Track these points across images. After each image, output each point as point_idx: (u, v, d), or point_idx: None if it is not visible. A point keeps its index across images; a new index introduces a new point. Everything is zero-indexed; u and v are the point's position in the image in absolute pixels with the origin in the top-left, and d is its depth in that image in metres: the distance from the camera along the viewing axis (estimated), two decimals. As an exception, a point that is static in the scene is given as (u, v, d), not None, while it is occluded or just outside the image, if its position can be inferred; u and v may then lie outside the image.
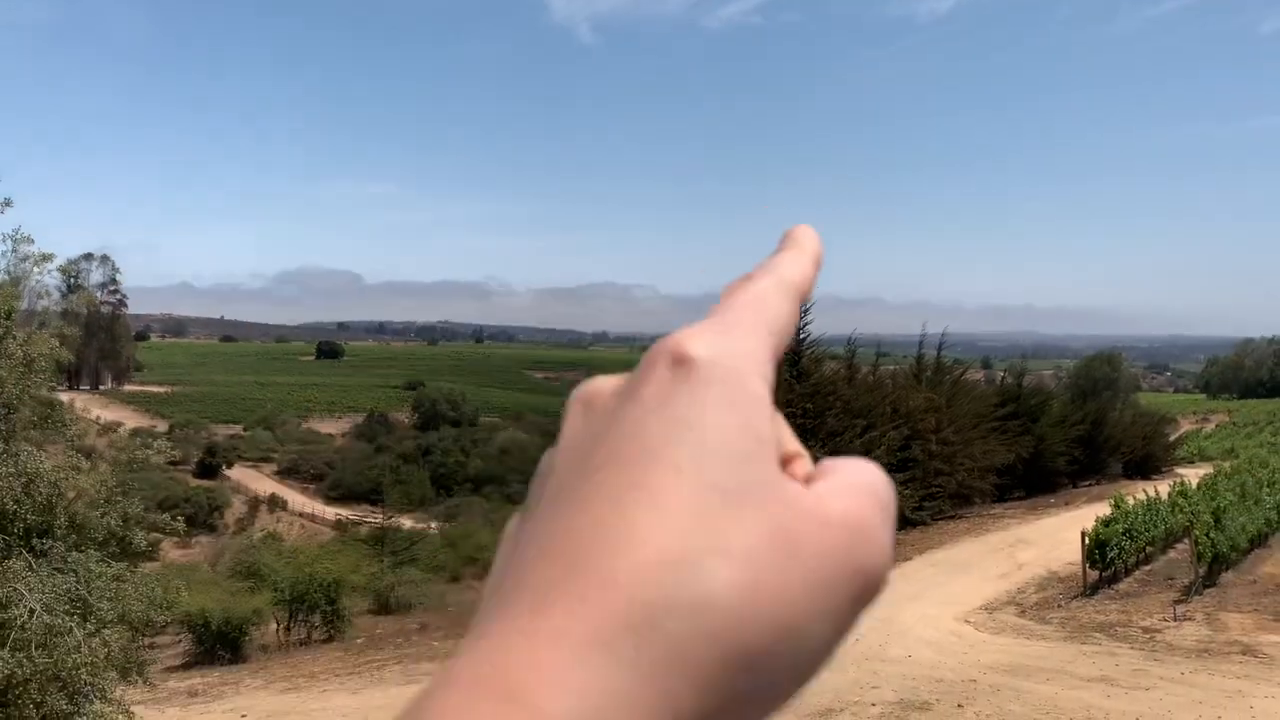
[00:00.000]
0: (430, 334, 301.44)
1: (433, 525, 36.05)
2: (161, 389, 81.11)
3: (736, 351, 0.33)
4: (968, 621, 13.78)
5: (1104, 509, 18.01)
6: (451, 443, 60.24)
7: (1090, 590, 15.64)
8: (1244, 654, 11.87)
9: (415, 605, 19.96)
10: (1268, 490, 21.96)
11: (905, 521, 21.62)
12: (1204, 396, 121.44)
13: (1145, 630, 13.36)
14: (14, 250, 9.30)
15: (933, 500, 23.22)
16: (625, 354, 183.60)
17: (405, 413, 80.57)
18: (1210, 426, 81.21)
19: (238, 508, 50.53)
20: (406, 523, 33.11)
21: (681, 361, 0.32)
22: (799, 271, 0.38)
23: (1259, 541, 18.80)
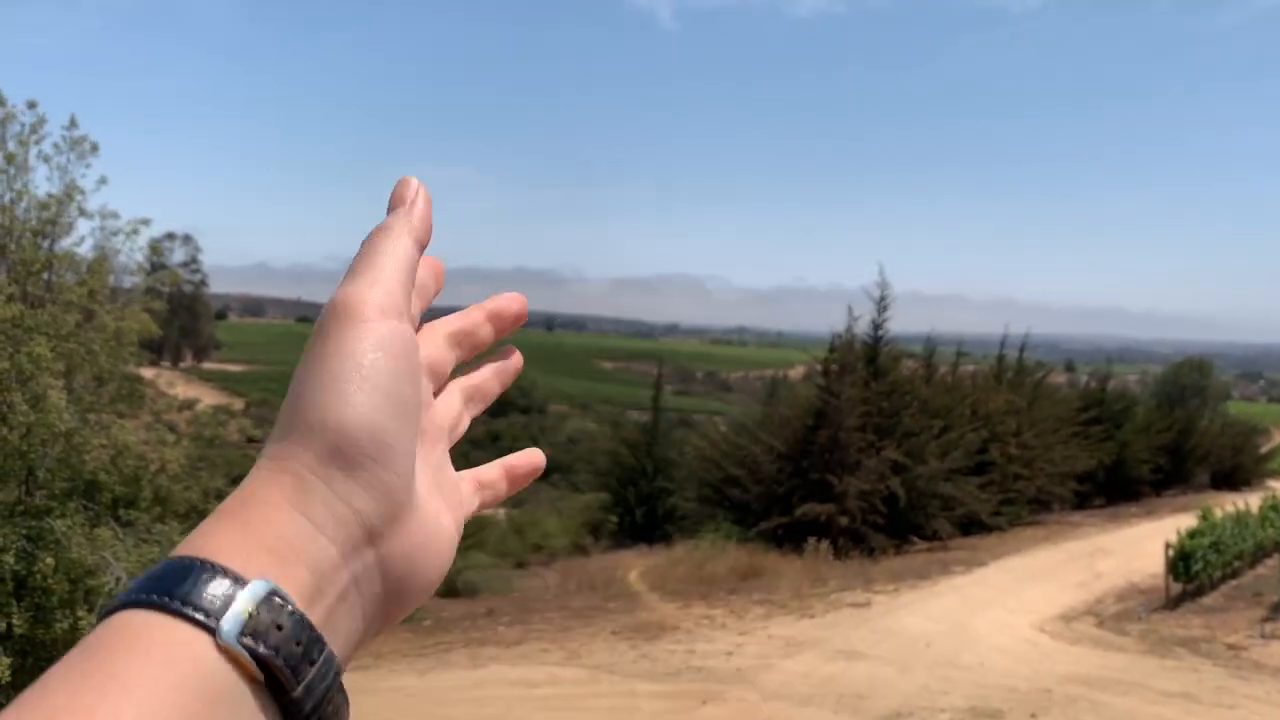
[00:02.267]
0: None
1: (500, 511, 36.36)
2: (239, 367, 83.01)
3: (399, 308, 0.50)
4: (1043, 630, 13.42)
5: (1189, 520, 17.39)
6: (520, 430, 60.73)
7: (1173, 603, 15.13)
8: (1337, 677, 11.36)
9: (482, 590, 20.11)
10: (1365, 507, 21.00)
11: (981, 526, 21.27)
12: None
13: (1230, 647, 12.86)
14: (103, 226, 9.57)
15: (1010, 505, 22.62)
16: (696, 346, 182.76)
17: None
18: (1304, 438, 77.95)
19: (312, 487, 51.48)
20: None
21: (359, 317, 0.49)
22: (425, 227, 0.52)
23: (1354, 560, 18.02)
